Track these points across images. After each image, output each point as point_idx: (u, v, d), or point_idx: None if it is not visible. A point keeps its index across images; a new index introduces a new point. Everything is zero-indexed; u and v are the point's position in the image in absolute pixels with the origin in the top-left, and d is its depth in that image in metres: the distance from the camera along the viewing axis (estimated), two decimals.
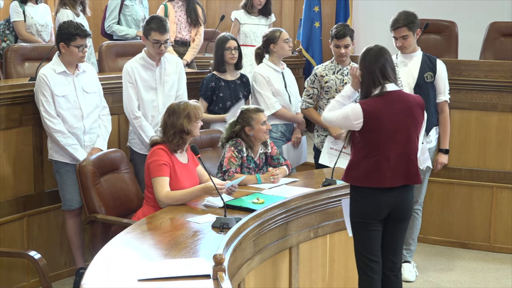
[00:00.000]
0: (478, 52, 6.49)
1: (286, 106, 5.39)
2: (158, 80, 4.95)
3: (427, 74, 4.86)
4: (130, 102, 4.88)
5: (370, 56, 3.72)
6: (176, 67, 5.07)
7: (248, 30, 6.38)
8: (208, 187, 3.92)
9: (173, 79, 5.02)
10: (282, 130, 5.39)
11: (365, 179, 3.69)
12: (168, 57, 5.07)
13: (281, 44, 5.35)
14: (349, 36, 5.12)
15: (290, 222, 3.94)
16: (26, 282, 4.72)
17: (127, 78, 4.89)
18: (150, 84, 4.93)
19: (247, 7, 6.42)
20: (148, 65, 4.92)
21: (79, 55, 4.50)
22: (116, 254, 3.18)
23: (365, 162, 3.68)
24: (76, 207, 4.64)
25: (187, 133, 4.16)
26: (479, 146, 5.68)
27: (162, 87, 4.96)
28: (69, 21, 4.59)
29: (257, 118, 4.55)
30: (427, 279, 5.13)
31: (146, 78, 4.91)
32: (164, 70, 4.98)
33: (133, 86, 4.88)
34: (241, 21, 6.41)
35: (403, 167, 3.69)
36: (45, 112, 4.47)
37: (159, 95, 4.94)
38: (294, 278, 4.03)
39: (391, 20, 4.83)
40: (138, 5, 6.67)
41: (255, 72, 5.40)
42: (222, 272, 2.78)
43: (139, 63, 4.93)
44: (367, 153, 3.68)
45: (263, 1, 6.36)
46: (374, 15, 7.80)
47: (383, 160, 3.65)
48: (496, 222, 5.67)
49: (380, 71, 3.68)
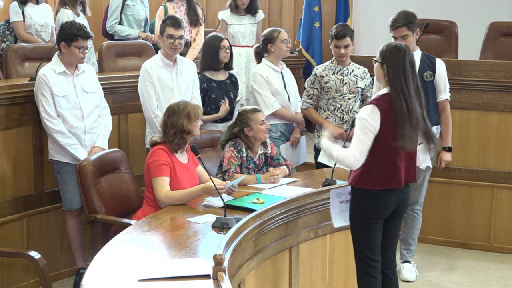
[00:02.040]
0: (478, 52, 6.49)
1: (285, 106, 5.39)
2: (175, 80, 4.96)
3: (426, 74, 4.86)
4: (150, 101, 4.87)
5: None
6: (190, 69, 5.07)
7: (235, 31, 6.29)
8: (208, 187, 3.93)
9: (188, 80, 5.02)
10: (281, 130, 5.39)
11: (385, 182, 3.65)
12: (183, 59, 5.10)
13: (278, 45, 5.35)
14: (349, 36, 5.12)
15: (290, 222, 3.94)
16: (26, 282, 4.72)
17: (146, 77, 4.89)
18: (167, 84, 4.94)
19: (232, 8, 6.31)
20: (165, 65, 4.94)
21: (79, 56, 4.50)
22: (116, 254, 3.19)
23: (382, 164, 3.64)
24: (77, 207, 4.64)
25: (188, 132, 4.16)
26: (479, 146, 5.68)
27: (178, 87, 4.96)
28: (71, 22, 4.60)
29: (255, 118, 4.55)
30: (427, 279, 5.13)
31: (163, 78, 4.93)
32: (180, 71, 4.99)
33: (152, 85, 4.89)
34: (228, 22, 6.29)
35: (407, 166, 3.70)
36: (45, 112, 4.47)
37: (176, 95, 4.93)
38: (294, 278, 4.03)
39: (390, 20, 4.83)
40: (139, 5, 6.68)
41: (254, 72, 5.40)
42: (222, 272, 2.78)
43: (156, 63, 4.94)
44: (384, 155, 3.64)
45: (246, 1, 6.25)
46: (374, 15, 7.80)
47: (399, 160, 3.65)
48: (496, 222, 5.67)
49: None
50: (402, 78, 3.60)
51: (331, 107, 5.20)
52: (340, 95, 5.17)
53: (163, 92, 4.92)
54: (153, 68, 4.91)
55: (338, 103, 5.18)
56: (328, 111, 5.22)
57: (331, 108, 5.20)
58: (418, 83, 3.66)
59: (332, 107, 5.20)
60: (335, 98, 5.18)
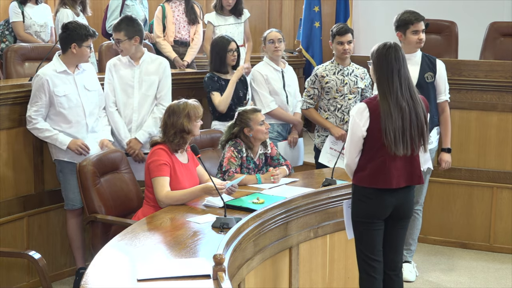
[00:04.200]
0: (478, 52, 6.49)
1: (282, 106, 5.40)
2: (137, 78, 4.94)
3: (428, 75, 4.86)
4: (107, 97, 4.92)
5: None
6: (159, 69, 4.99)
7: (223, 32, 6.15)
8: (208, 187, 3.93)
9: (151, 79, 4.97)
10: (278, 130, 5.39)
11: (372, 180, 3.68)
12: (154, 58, 5.06)
13: (267, 45, 5.42)
14: (350, 33, 5.15)
15: (290, 222, 3.94)
16: (26, 282, 4.72)
17: (106, 75, 4.96)
18: (127, 82, 4.94)
19: (217, 8, 6.24)
20: (130, 63, 4.96)
21: (88, 54, 4.57)
22: (116, 254, 3.19)
23: (372, 163, 3.67)
24: (79, 207, 4.64)
25: (188, 132, 4.16)
26: (479, 146, 5.68)
27: (139, 85, 4.95)
28: (75, 22, 4.62)
29: (255, 118, 4.55)
30: (427, 279, 5.13)
31: (124, 75, 4.93)
32: (146, 69, 4.96)
33: (110, 82, 4.94)
34: (214, 24, 6.20)
35: (408, 168, 3.69)
36: (28, 110, 4.48)
37: (136, 92, 4.94)
38: (294, 278, 4.03)
39: (407, 14, 4.76)
40: (139, 5, 6.68)
41: (254, 70, 5.43)
42: (222, 272, 2.78)
43: (121, 61, 4.97)
44: (373, 153, 3.67)
45: (232, 2, 6.18)
46: (374, 15, 7.80)
47: (390, 160, 3.65)
48: (496, 222, 5.67)
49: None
50: (386, 78, 3.63)
51: (332, 108, 5.20)
52: (341, 96, 5.17)
53: (122, 89, 4.93)
54: (116, 65, 4.95)
55: (338, 103, 5.18)
56: (328, 112, 5.22)
57: (331, 108, 5.20)
58: (408, 80, 3.64)
59: (333, 108, 5.20)
60: (335, 99, 5.18)
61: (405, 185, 3.71)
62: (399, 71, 3.63)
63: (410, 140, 3.62)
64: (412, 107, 3.63)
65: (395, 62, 3.63)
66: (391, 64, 3.63)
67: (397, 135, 3.58)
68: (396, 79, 3.62)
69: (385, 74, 3.63)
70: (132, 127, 4.93)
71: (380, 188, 3.67)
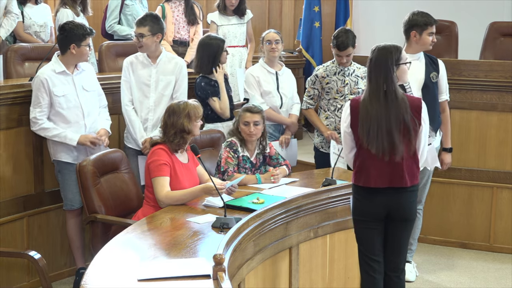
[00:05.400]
0: (478, 52, 6.49)
1: (273, 108, 5.41)
2: (154, 77, 4.96)
3: (433, 74, 4.85)
4: (123, 95, 4.95)
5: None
6: (175, 69, 5.01)
7: (226, 31, 6.22)
8: (208, 187, 3.93)
9: (168, 79, 4.99)
10: (270, 130, 5.38)
11: (355, 178, 3.76)
12: (171, 57, 5.09)
13: (264, 45, 5.44)
14: (351, 45, 5.08)
15: (290, 222, 3.94)
16: (26, 282, 4.72)
17: (123, 73, 4.97)
18: (143, 81, 4.96)
19: (220, 8, 6.26)
20: (147, 62, 4.97)
21: (87, 53, 4.57)
22: (116, 254, 3.19)
23: (358, 161, 3.75)
24: (78, 207, 4.64)
25: (188, 132, 4.17)
26: (479, 146, 5.68)
27: (156, 85, 4.96)
28: (72, 22, 4.62)
29: (241, 117, 4.60)
30: (427, 279, 5.13)
31: (141, 74, 4.95)
32: (163, 69, 4.98)
33: (127, 81, 4.96)
34: (218, 23, 6.22)
35: (390, 168, 3.66)
36: (32, 112, 4.48)
37: (152, 92, 4.95)
38: (294, 278, 4.03)
39: (426, 16, 4.73)
40: (138, 4, 6.67)
41: (247, 72, 5.47)
42: (222, 272, 2.78)
43: (138, 59, 4.99)
44: (358, 152, 3.74)
45: (235, 2, 6.19)
46: (374, 15, 7.80)
47: (369, 159, 3.67)
48: (496, 222, 5.67)
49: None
50: (376, 79, 3.65)
51: (332, 108, 5.20)
52: (341, 96, 5.17)
53: (138, 88, 4.95)
54: (133, 63, 4.98)
55: (338, 103, 5.18)
56: (328, 111, 5.22)
57: (331, 108, 5.20)
58: (394, 84, 3.62)
59: (333, 108, 5.20)
60: (336, 99, 5.18)
61: (388, 186, 3.68)
62: (387, 74, 3.62)
63: (388, 141, 3.60)
64: (394, 108, 3.60)
65: (383, 64, 3.64)
66: (379, 66, 3.65)
67: (371, 134, 3.61)
68: (381, 80, 3.63)
69: (372, 73, 3.67)
70: (148, 126, 4.94)
71: (363, 186, 3.71)
